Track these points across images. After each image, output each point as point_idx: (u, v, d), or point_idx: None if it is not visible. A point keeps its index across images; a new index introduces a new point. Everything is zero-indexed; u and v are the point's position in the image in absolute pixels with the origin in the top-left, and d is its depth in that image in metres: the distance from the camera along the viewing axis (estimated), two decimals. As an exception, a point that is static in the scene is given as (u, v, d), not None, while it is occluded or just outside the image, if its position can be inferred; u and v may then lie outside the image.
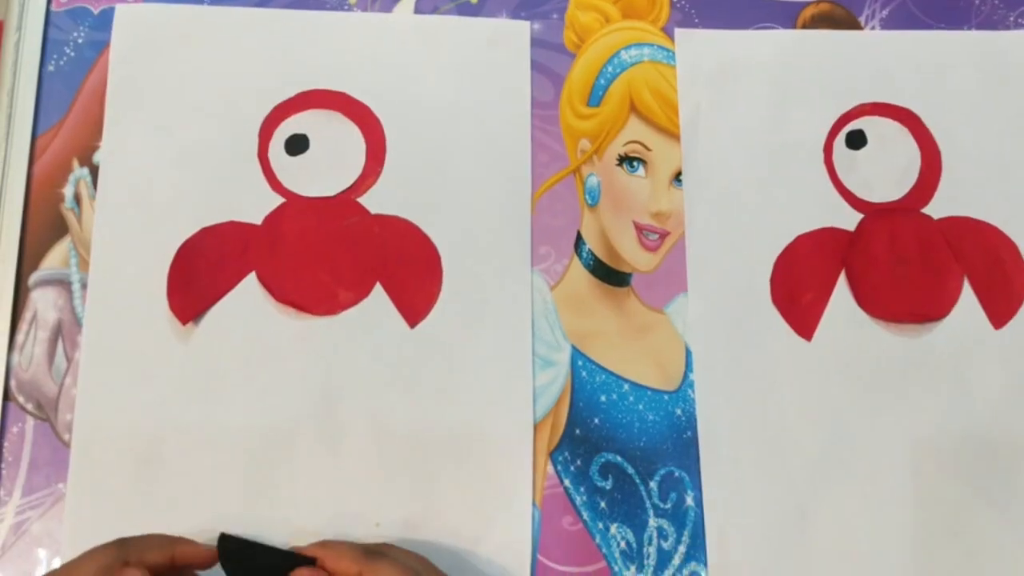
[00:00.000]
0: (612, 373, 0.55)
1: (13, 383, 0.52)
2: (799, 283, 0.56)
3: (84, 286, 0.53)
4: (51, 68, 0.57)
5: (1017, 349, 0.56)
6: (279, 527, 0.50)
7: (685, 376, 0.55)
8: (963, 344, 0.56)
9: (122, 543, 0.45)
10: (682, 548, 0.52)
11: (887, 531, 0.53)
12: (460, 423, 0.53)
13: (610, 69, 0.60)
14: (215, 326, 0.53)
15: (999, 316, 0.57)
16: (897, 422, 0.55)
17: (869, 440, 0.54)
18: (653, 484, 0.53)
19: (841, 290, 0.56)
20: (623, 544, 0.52)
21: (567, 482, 0.53)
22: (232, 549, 0.45)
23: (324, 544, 0.46)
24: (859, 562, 0.52)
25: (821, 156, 0.59)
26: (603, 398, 0.54)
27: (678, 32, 0.61)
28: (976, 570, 0.53)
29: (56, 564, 0.49)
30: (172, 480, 0.51)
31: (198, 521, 0.50)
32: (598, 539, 0.52)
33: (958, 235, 0.58)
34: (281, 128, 0.56)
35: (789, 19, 0.61)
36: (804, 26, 0.61)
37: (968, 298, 0.57)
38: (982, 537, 0.53)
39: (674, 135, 0.59)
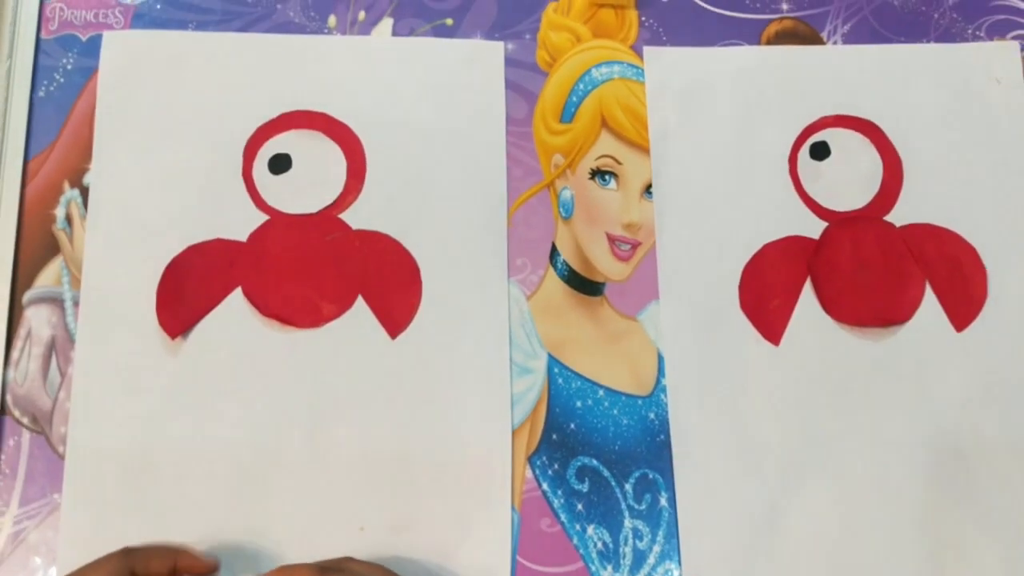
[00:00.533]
0: (587, 379, 0.57)
1: (9, 398, 0.54)
2: (766, 290, 0.58)
3: (76, 303, 0.55)
4: (41, 94, 0.59)
5: (978, 351, 0.58)
6: (268, 533, 0.52)
7: (658, 381, 0.57)
8: (926, 347, 0.58)
9: (127, 553, 0.48)
10: (657, 548, 0.54)
11: (856, 529, 0.55)
12: (440, 430, 0.54)
13: (581, 86, 0.62)
14: (203, 340, 0.55)
15: (960, 319, 0.59)
16: (864, 423, 0.57)
17: (837, 441, 0.56)
18: (628, 486, 0.55)
19: (807, 296, 0.58)
20: (600, 545, 0.54)
21: (545, 485, 0.55)
22: None
23: (282, 569, 0.47)
24: (829, 560, 0.54)
25: (786, 167, 0.61)
26: (579, 404, 0.56)
27: (647, 50, 0.63)
28: (942, 565, 0.54)
29: (53, 573, 0.51)
30: (163, 490, 0.52)
31: (189, 528, 0.52)
32: (575, 540, 0.54)
33: (919, 242, 0.60)
34: (264, 148, 0.58)
35: (754, 36, 0.64)
36: (768, 42, 0.64)
37: (930, 302, 0.59)
38: (948, 534, 0.55)
39: (644, 149, 0.61)
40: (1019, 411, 0.57)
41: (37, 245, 0.56)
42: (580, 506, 0.55)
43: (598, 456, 0.55)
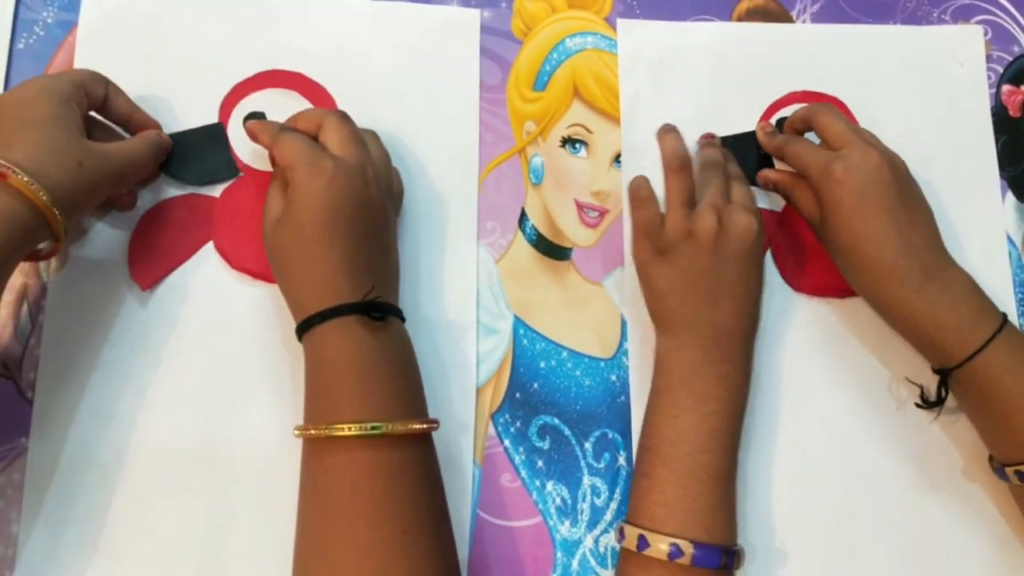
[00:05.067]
0: (552, 341, 0.58)
1: (-21, 344, 0.54)
2: (729, 259, 0.60)
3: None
4: (21, 46, 0.59)
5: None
6: (232, 470, 0.53)
7: (620, 344, 0.58)
8: (882, 319, 0.59)
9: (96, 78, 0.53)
10: (613, 505, 0.56)
11: (811, 491, 0.56)
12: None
13: (555, 56, 0.63)
14: (173, 292, 0.56)
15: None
16: (825, 389, 0.58)
17: (796, 405, 0.58)
18: (588, 445, 0.56)
19: (768, 267, 0.60)
20: (558, 500, 0.55)
21: (507, 442, 0.56)
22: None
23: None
24: (783, 518, 0.56)
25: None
26: (543, 364, 0.58)
27: (620, 22, 0.64)
28: (892, 521, 0.56)
29: (18, 513, 0.51)
30: (130, 431, 0.53)
31: (153, 465, 0.53)
32: (535, 496, 0.55)
33: (879, 216, 0.61)
34: (240, 106, 0.59)
35: (725, 12, 0.65)
36: (739, 19, 0.65)
37: (888, 275, 0.60)
38: (901, 493, 0.57)
39: (615, 119, 0.62)
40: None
41: (12, 194, 0.57)
42: (540, 463, 0.56)
43: (560, 415, 0.57)
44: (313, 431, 0.45)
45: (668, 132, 0.59)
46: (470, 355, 0.57)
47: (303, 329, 0.48)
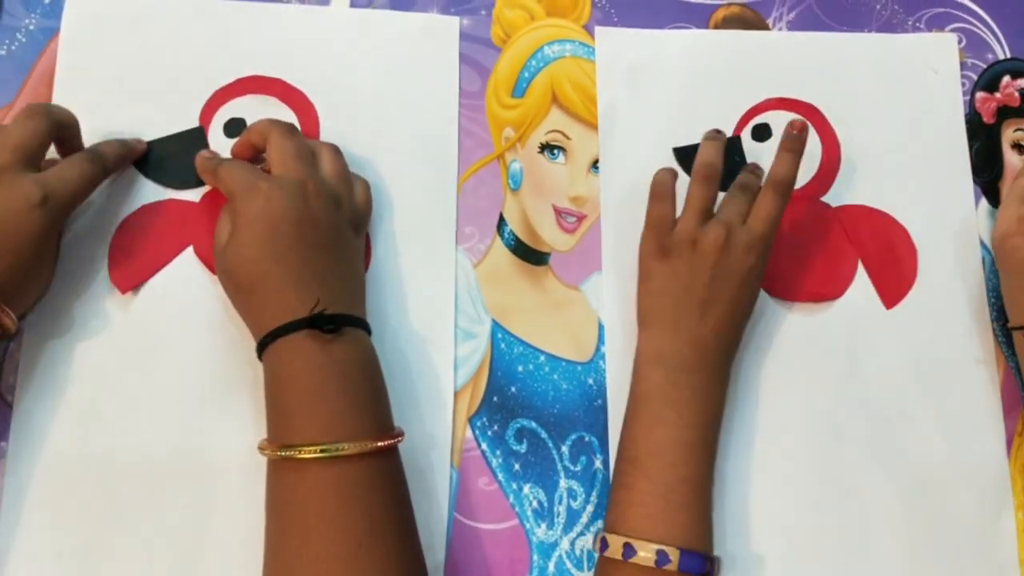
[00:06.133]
0: (529, 345, 0.59)
1: (-40, 348, 0.55)
2: (705, 264, 0.60)
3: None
4: (3, 52, 0.60)
5: (906, 327, 0.60)
6: (212, 473, 0.53)
7: (597, 349, 0.59)
8: (857, 322, 0.60)
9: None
10: (590, 508, 0.56)
11: (787, 493, 0.57)
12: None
13: (534, 63, 0.64)
14: (154, 296, 0.56)
15: (890, 297, 0.61)
16: (796, 393, 0.59)
17: (770, 409, 0.58)
18: (565, 448, 0.57)
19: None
20: (535, 503, 0.56)
21: (484, 445, 0.56)
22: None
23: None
24: (755, 524, 0.56)
25: (729, 147, 0.63)
26: (520, 368, 0.58)
27: (598, 30, 0.65)
28: (867, 526, 0.57)
29: (-4, 516, 0.52)
30: (109, 435, 0.53)
31: (135, 474, 0.53)
32: (512, 499, 0.56)
33: (854, 222, 0.62)
34: (221, 112, 0.59)
35: (702, 20, 0.66)
36: (716, 26, 0.66)
37: (862, 280, 0.61)
38: (873, 496, 0.57)
39: (592, 125, 0.63)
40: (943, 385, 0.59)
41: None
42: (517, 466, 0.56)
43: (537, 419, 0.57)
44: (268, 452, 0.46)
45: (711, 140, 0.58)
46: (448, 359, 0.57)
47: (261, 349, 0.49)
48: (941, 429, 0.58)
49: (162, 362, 0.55)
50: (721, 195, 0.58)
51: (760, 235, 0.54)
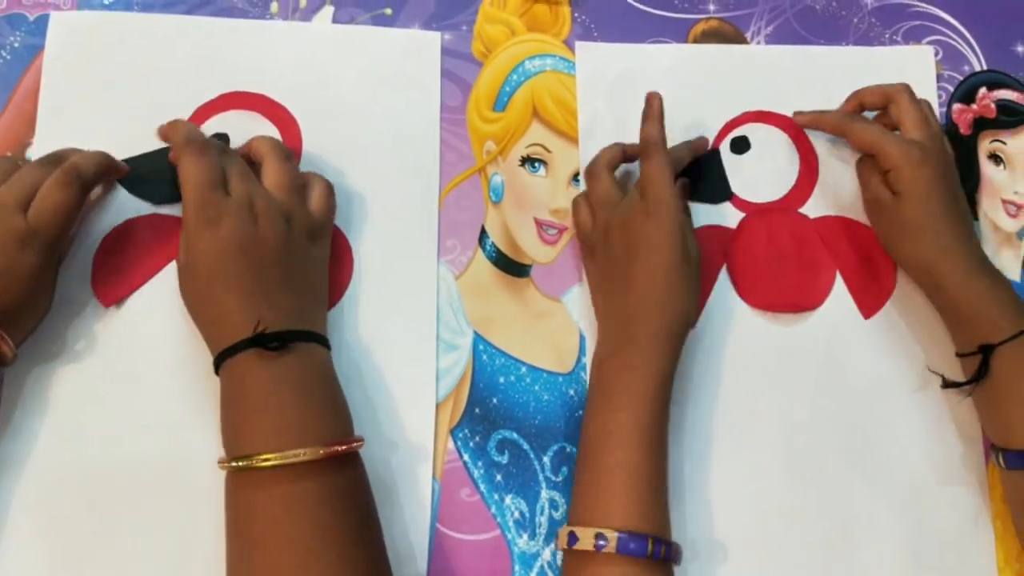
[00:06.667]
0: (511, 356, 0.59)
1: (-56, 362, 0.55)
2: (685, 275, 0.61)
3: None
4: (-12, 69, 0.60)
5: (884, 337, 0.61)
6: (193, 484, 0.54)
7: (578, 360, 0.59)
8: (835, 332, 0.61)
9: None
10: (571, 518, 0.56)
11: (767, 503, 0.57)
12: (367, 400, 0.56)
13: (515, 77, 0.64)
14: (137, 310, 0.56)
15: (868, 307, 0.62)
16: (775, 403, 0.59)
17: (750, 419, 0.59)
18: (546, 459, 0.57)
19: (723, 282, 0.61)
20: (517, 514, 0.56)
21: (466, 457, 0.57)
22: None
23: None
24: (737, 533, 0.57)
25: (708, 160, 0.64)
26: (502, 379, 0.59)
27: (578, 45, 0.65)
28: (847, 539, 0.57)
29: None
30: (93, 446, 0.54)
31: (116, 480, 0.53)
32: (493, 509, 0.56)
33: (832, 233, 0.63)
34: (204, 127, 0.60)
35: (681, 34, 0.67)
36: (695, 41, 0.67)
37: (840, 291, 0.62)
38: (852, 507, 0.58)
39: (573, 139, 0.63)
40: (920, 395, 0.60)
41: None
42: (499, 477, 0.57)
43: (518, 430, 0.58)
44: (222, 465, 0.47)
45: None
46: (430, 371, 0.58)
47: (216, 369, 0.50)
48: (919, 438, 0.59)
49: (145, 375, 0.55)
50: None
51: (655, 199, 0.54)
